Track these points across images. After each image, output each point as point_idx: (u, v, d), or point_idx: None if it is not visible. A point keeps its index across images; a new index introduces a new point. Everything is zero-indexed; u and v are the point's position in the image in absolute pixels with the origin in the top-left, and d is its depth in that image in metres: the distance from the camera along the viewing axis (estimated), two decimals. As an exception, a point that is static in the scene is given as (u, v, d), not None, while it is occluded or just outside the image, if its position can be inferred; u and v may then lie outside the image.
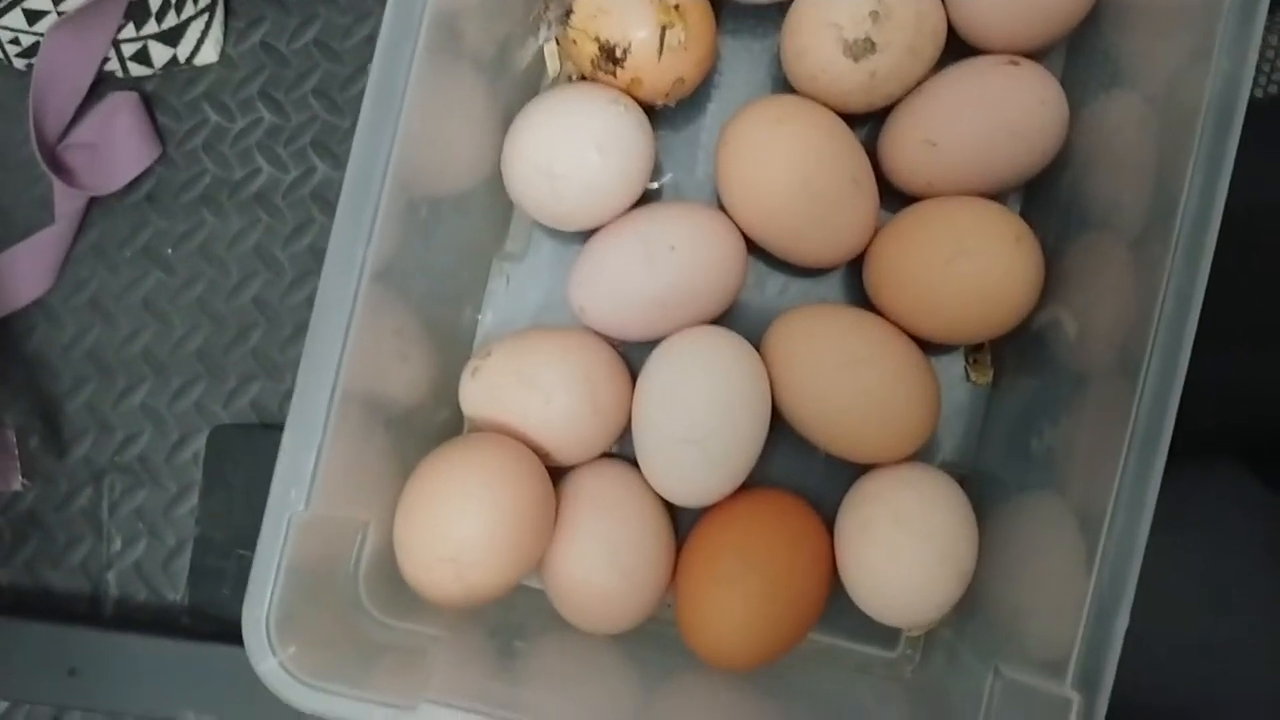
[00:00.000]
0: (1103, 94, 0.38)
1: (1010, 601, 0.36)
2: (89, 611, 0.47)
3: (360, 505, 0.35)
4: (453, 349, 0.41)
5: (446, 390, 0.40)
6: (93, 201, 0.48)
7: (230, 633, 0.43)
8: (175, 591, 0.47)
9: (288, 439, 0.32)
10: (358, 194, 0.32)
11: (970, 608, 0.38)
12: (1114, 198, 0.35)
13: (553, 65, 0.41)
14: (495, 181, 0.40)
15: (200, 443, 0.47)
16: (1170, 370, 0.30)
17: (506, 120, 0.39)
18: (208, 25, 0.48)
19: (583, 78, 0.40)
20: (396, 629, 0.36)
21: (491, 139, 0.39)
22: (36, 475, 0.47)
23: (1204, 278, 0.31)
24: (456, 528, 0.35)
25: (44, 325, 0.48)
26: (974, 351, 0.41)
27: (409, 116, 0.33)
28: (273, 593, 0.31)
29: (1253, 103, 0.40)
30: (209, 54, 0.49)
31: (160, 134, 0.49)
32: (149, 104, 0.49)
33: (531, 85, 0.41)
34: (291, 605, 0.32)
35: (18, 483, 0.45)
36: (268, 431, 0.46)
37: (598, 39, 0.38)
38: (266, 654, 0.31)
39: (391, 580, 0.36)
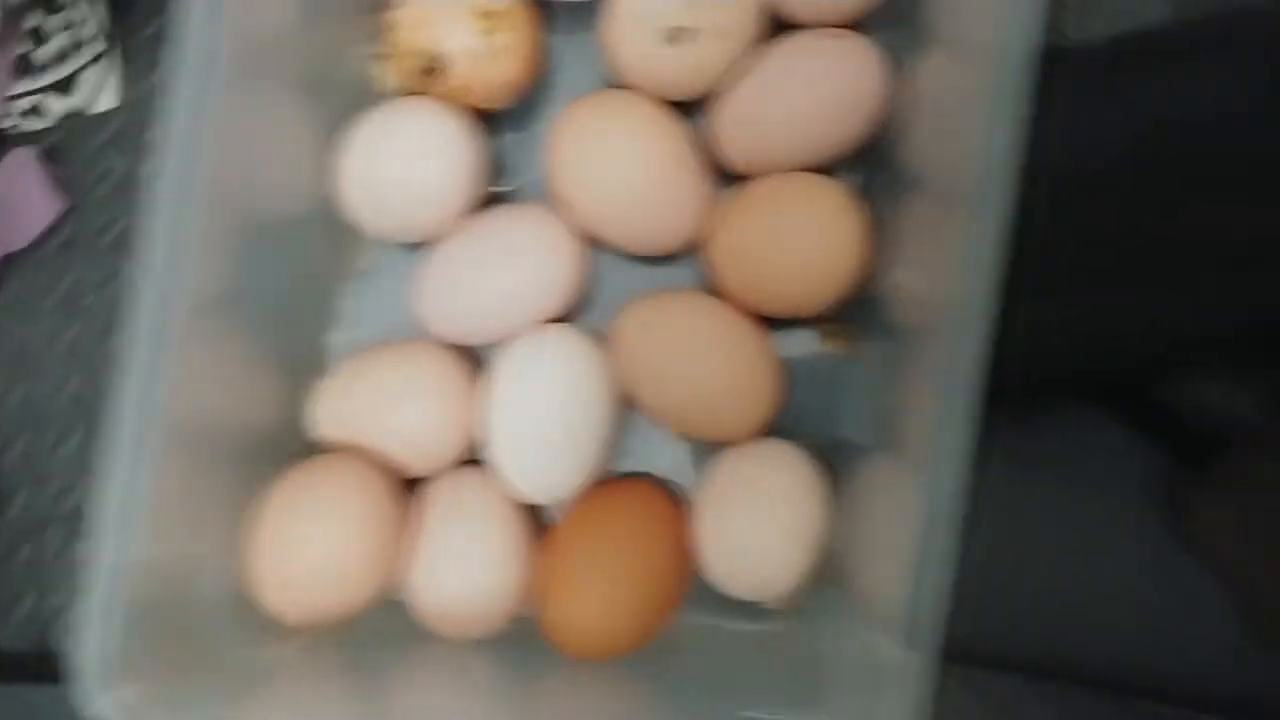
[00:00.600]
0: (918, 55, 0.38)
1: (859, 566, 0.36)
2: (37, 668, 0.47)
3: (202, 537, 0.35)
4: (305, 373, 0.41)
5: (300, 415, 0.40)
6: (6, 258, 0.48)
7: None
8: None
9: (112, 480, 0.32)
10: (162, 224, 0.32)
11: (829, 576, 0.38)
12: (932, 159, 0.36)
13: (381, 80, 0.41)
14: (332, 201, 0.40)
15: None
16: (973, 320, 0.31)
17: (337, 135, 0.39)
18: (103, 72, 0.49)
19: (411, 91, 0.40)
20: (252, 655, 0.35)
21: (323, 160, 0.39)
22: None
23: (1002, 228, 0.31)
24: (305, 549, 0.35)
25: None
26: (826, 321, 0.41)
27: (215, 142, 0.33)
28: (103, 638, 0.31)
29: (1078, 51, 0.41)
30: (108, 100, 0.49)
31: (69, 184, 0.49)
32: (53, 156, 0.49)
33: (361, 99, 0.41)
34: (127, 645, 0.31)
35: None
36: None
37: (419, 51, 0.38)
38: (101, 693, 0.31)
39: (244, 609, 0.36)
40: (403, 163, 0.38)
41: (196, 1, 0.32)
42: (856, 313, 0.41)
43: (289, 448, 0.39)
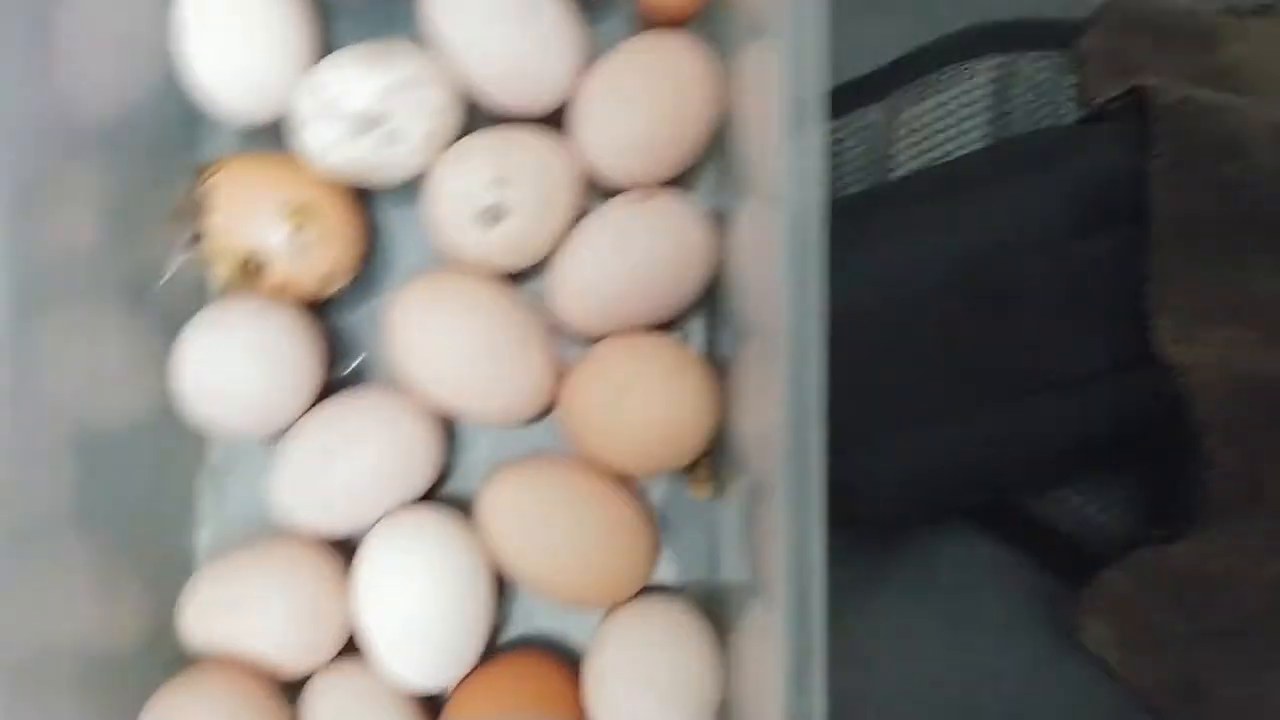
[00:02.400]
0: (737, 209, 0.39)
1: (746, 715, 0.35)
2: None
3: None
4: (169, 577, 0.40)
5: (169, 621, 0.39)
6: None
7: None
8: None
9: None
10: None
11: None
12: (753, 306, 0.37)
13: (217, 280, 0.41)
14: (175, 403, 0.40)
15: None
16: (801, 462, 0.31)
17: (173, 337, 0.39)
18: None
19: (237, 289, 0.40)
20: None
21: (159, 363, 0.39)
22: None
23: (813, 368, 0.31)
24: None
25: None
26: (689, 469, 0.42)
27: (20, 369, 0.32)
28: None
29: (892, 186, 0.43)
30: None
31: None
32: None
33: (191, 304, 0.41)
34: None
35: None
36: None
37: (232, 254, 0.38)
38: None
39: None
40: (236, 362, 0.38)
41: None
42: (719, 456, 0.41)
43: (163, 657, 0.38)
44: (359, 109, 0.37)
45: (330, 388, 0.41)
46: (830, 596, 0.30)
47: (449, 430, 0.41)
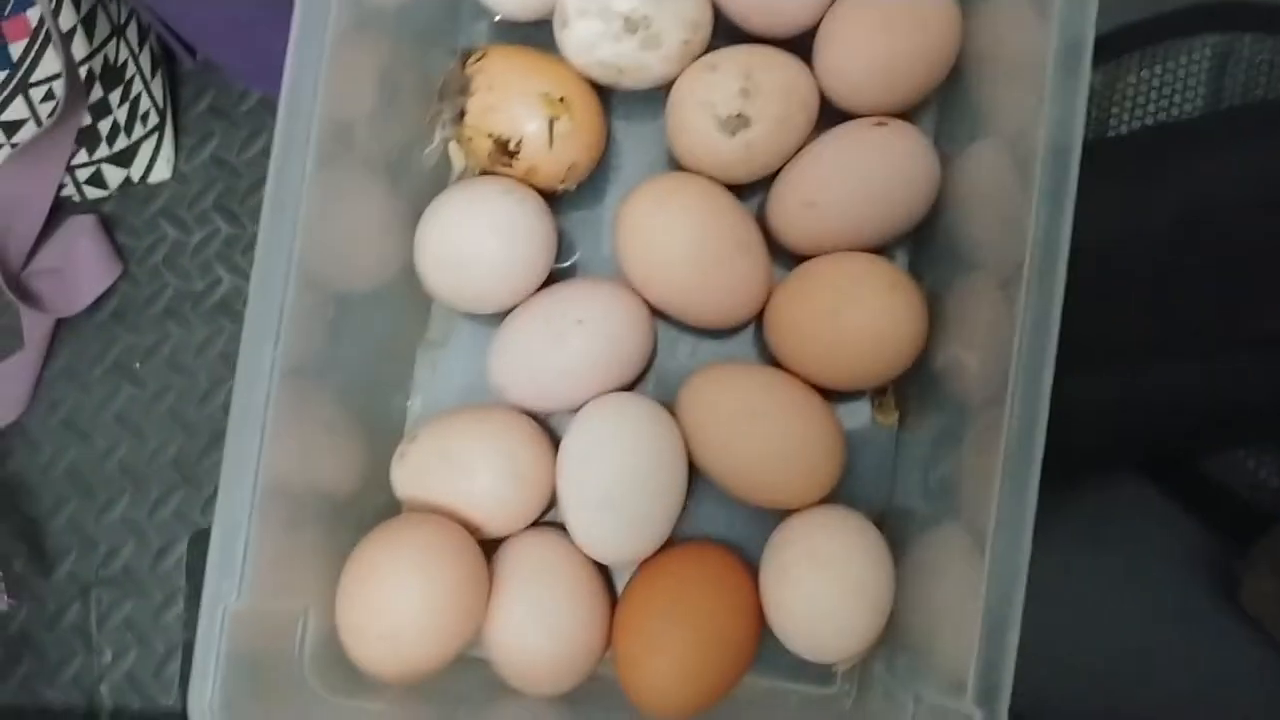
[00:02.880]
0: (969, 145, 0.40)
1: (925, 629, 0.37)
2: None
3: (299, 591, 0.37)
4: (384, 436, 0.43)
5: (380, 475, 0.42)
6: (60, 324, 0.51)
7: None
8: (169, 697, 0.49)
9: (216, 535, 0.34)
10: (263, 298, 0.35)
11: (894, 639, 0.39)
12: (982, 240, 0.38)
13: (458, 163, 0.44)
14: (412, 273, 0.42)
15: (182, 549, 0.49)
16: (1033, 395, 0.33)
17: (417, 213, 0.42)
18: (159, 144, 0.51)
19: (484, 171, 0.43)
20: (344, 707, 0.37)
21: (403, 234, 0.42)
22: (24, 595, 0.49)
23: (1057, 307, 0.33)
24: (392, 606, 0.37)
25: (22, 448, 0.51)
26: (877, 394, 0.44)
27: (309, 221, 0.35)
28: (214, 683, 0.33)
29: (1119, 139, 0.44)
30: (162, 171, 0.52)
31: (121, 252, 0.51)
32: (108, 224, 0.51)
33: (439, 181, 0.44)
34: (235, 689, 0.33)
35: (4, 603, 0.47)
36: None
37: (491, 135, 0.40)
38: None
39: (337, 661, 0.38)
40: (476, 239, 0.41)
41: (294, 90, 0.35)
42: (909, 386, 0.43)
43: (372, 507, 0.42)
44: (624, 10, 0.38)
45: (550, 279, 0.43)
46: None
47: (658, 330, 0.43)
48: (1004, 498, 0.32)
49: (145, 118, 0.51)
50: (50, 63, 0.45)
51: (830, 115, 0.42)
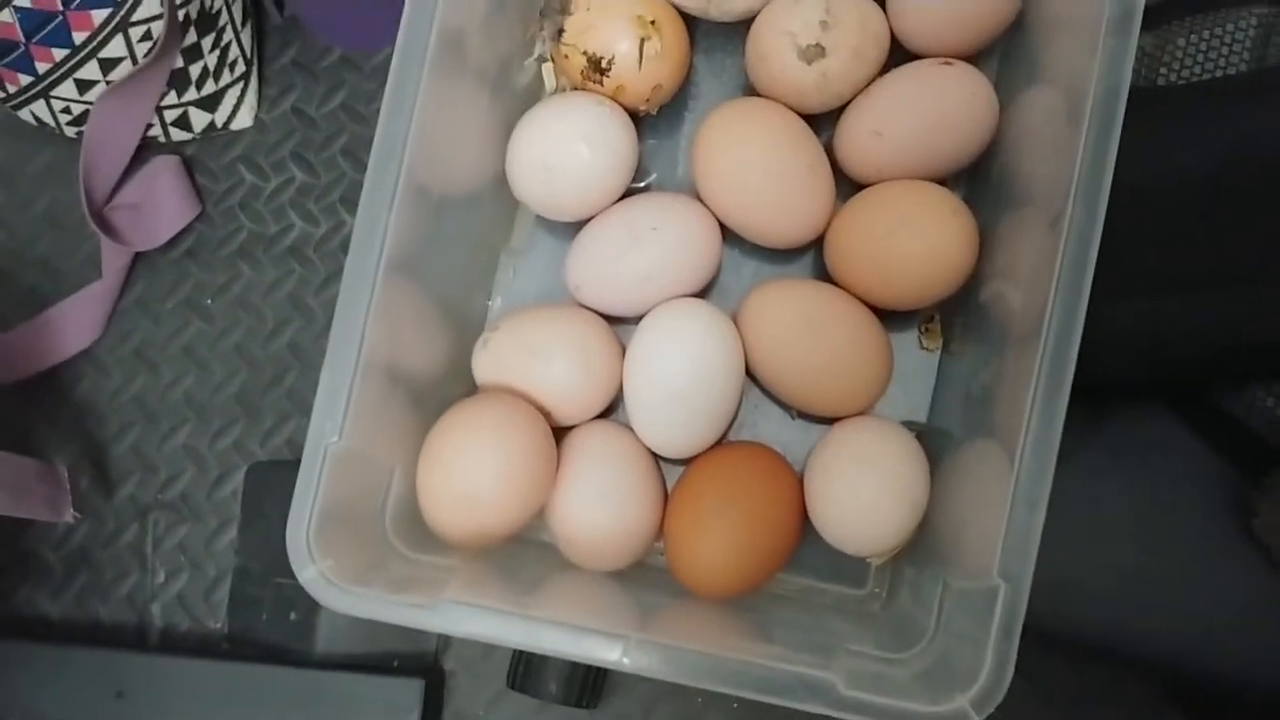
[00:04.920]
0: (1025, 89, 0.43)
1: (954, 526, 0.41)
2: (135, 640, 0.51)
3: (386, 452, 0.41)
4: (467, 329, 0.47)
5: (462, 365, 0.46)
6: (137, 257, 0.53)
7: (268, 655, 0.49)
8: (216, 620, 0.51)
9: (324, 381, 0.37)
10: (376, 192, 0.38)
11: (925, 541, 0.43)
12: (1032, 177, 0.41)
13: (549, 80, 0.47)
14: (501, 183, 0.46)
15: (239, 479, 0.52)
16: (1068, 326, 0.35)
17: (509, 127, 0.45)
18: (243, 92, 0.53)
19: (575, 87, 0.46)
20: (419, 561, 0.41)
21: (497, 144, 0.45)
22: (86, 513, 0.51)
23: (1094, 245, 0.35)
24: (470, 470, 0.41)
25: (92, 374, 0.53)
26: (926, 321, 0.47)
27: (420, 125, 0.38)
28: (312, 511, 0.36)
29: (1167, 89, 0.46)
30: (244, 119, 0.53)
31: (199, 193, 0.53)
32: (189, 166, 0.53)
33: (532, 97, 0.47)
34: (328, 525, 0.37)
35: (69, 514, 0.48)
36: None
37: (585, 52, 0.44)
38: (307, 563, 0.36)
39: (414, 521, 0.42)
40: (567, 146, 0.44)
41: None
42: (954, 315, 0.46)
43: (453, 393, 0.45)
44: (717, -56, 0.41)
45: (626, 193, 0.46)
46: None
47: (726, 246, 0.46)
48: (1035, 413, 0.35)
49: (233, 66, 0.52)
50: (151, 4, 0.47)
51: (900, 55, 0.45)
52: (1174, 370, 0.45)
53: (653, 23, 0.43)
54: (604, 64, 0.43)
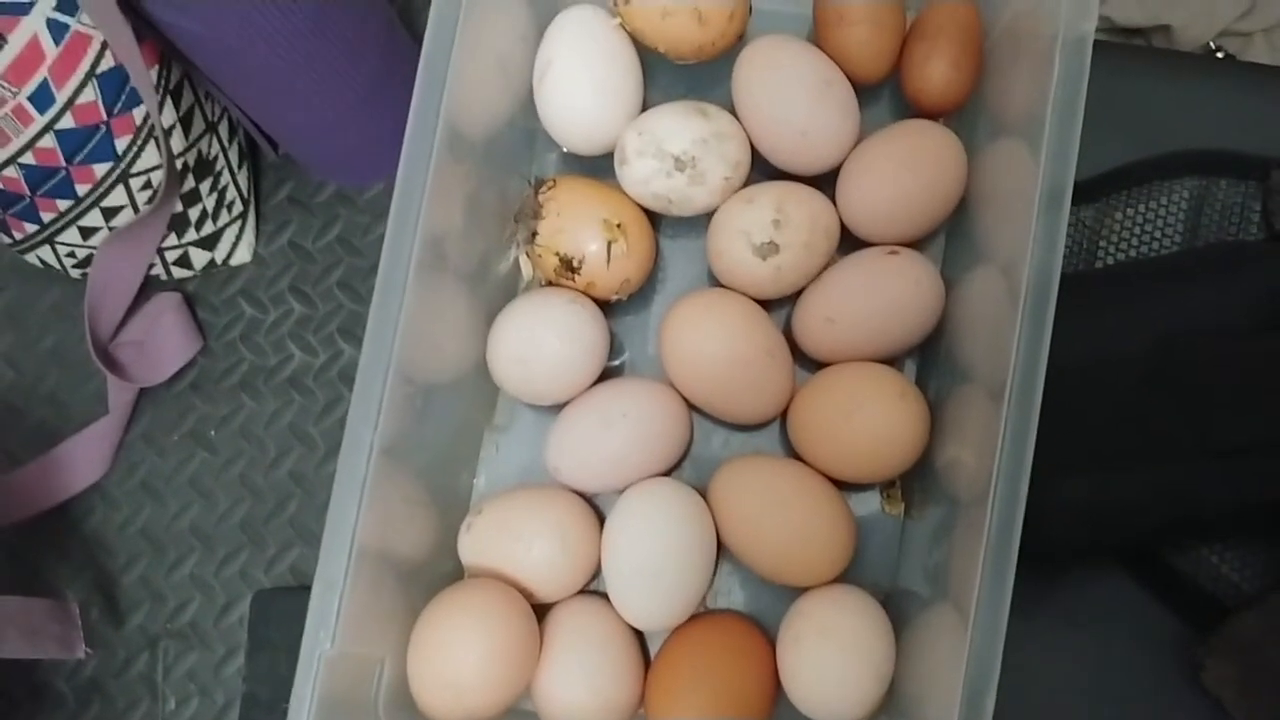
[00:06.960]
0: (970, 267, 0.47)
1: (917, 696, 0.43)
2: None
3: (377, 644, 0.43)
4: (453, 509, 0.49)
5: (448, 544, 0.48)
6: (142, 392, 0.54)
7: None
8: None
9: (316, 590, 0.39)
10: (366, 386, 0.40)
11: (893, 704, 0.44)
12: (976, 356, 0.44)
13: (527, 273, 0.51)
14: (482, 368, 0.49)
15: (245, 606, 0.53)
16: (1012, 492, 0.38)
17: (490, 317, 0.49)
18: (241, 230, 0.55)
19: (549, 282, 0.49)
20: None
21: (478, 333, 0.48)
22: (97, 645, 0.52)
23: (1034, 417, 0.38)
24: (456, 658, 0.43)
25: (101, 507, 0.54)
26: (887, 487, 0.49)
27: (407, 322, 0.41)
28: (309, 716, 0.38)
29: (1105, 272, 0.50)
30: (243, 255, 0.55)
31: (201, 328, 0.55)
32: (190, 302, 0.55)
33: (511, 283, 0.51)
34: (326, 720, 0.39)
35: (81, 651, 0.48)
36: (306, 593, 0.50)
37: (558, 253, 0.47)
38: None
39: (406, 706, 0.43)
40: (541, 341, 0.47)
41: (401, 209, 0.41)
42: (915, 480, 0.49)
43: (440, 572, 0.47)
44: (676, 152, 0.45)
45: (602, 375, 0.49)
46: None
47: (694, 424, 0.49)
48: (985, 580, 0.38)
49: (231, 206, 0.54)
50: (150, 156, 0.49)
51: (849, 243, 0.48)
52: (1120, 539, 0.47)
53: (619, 225, 0.47)
54: (575, 264, 0.47)
